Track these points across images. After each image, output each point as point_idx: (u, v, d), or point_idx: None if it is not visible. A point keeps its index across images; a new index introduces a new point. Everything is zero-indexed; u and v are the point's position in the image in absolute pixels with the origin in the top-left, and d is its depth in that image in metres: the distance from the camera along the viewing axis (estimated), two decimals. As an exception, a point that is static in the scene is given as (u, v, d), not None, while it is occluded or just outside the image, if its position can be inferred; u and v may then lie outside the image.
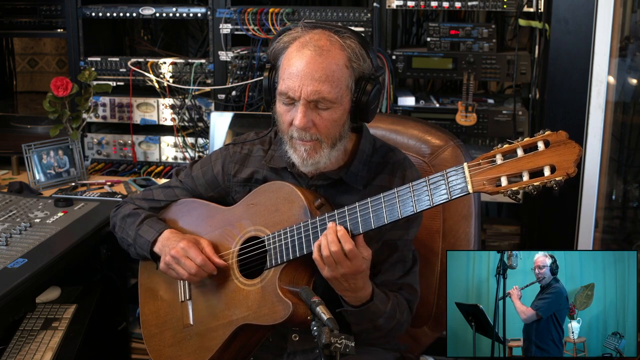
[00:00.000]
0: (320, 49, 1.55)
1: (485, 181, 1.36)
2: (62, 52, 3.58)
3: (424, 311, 1.92)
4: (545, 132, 1.32)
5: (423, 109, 2.82)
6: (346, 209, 1.53)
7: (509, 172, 1.34)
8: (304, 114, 1.55)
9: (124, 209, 1.89)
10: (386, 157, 1.72)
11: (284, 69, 1.59)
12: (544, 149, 1.32)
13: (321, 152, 1.60)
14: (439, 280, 1.91)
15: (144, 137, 2.99)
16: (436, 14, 3.10)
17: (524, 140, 1.34)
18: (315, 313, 1.37)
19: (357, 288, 1.56)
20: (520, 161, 1.33)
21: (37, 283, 1.91)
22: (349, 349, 1.30)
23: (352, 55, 1.57)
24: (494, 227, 3.02)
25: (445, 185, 1.41)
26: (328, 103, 1.56)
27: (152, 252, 1.78)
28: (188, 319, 1.77)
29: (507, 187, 1.34)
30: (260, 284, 1.64)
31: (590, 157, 2.64)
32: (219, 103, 2.88)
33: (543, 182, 1.31)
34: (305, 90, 1.54)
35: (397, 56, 2.79)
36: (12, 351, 2.01)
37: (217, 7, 2.85)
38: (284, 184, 1.66)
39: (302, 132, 1.57)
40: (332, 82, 1.55)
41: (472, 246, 1.89)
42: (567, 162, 1.30)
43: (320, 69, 1.54)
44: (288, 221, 1.62)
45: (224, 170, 1.81)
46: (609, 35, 2.53)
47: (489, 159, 1.36)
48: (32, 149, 2.66)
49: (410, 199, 1.46)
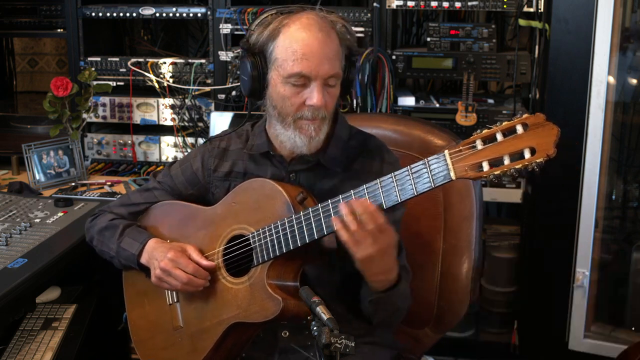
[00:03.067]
0: (325, 29, 1.59)
1: (467, 167, 1.37)
2: (62, 52, 3.58)
3: (425, 312, 1.92)
4: (523, 116, 1.34)
5: (423, 109, 2.82)
6: (329, 202, 1.53)
7: (490, 157, 1.35)
8: (322, 93, 1.58)
9: (100, 220, 1.86)
10: (364, 142, 1.75)
11: (290, 51, 1.58)
12: (523, 132, 1.33)
13: (323, 129, 1.64)
14: (439, 281, 1.91)
15: (144, 137, 2.99)
16: (436, 14, 3.10)
17: (503, 124, 1.35)
18: (315, 313, 1.37)
19: (390, 267, 1.55)
20: (501, 145, 1.34)
21: (37, 283, 1.90)
22: (349, 349, 1.30)
23: (342, 33, 1.63)
24: (493, 227, 3.02)
25: (428, 174, 1.41)
26: (336, 79, 1.62)
27: (139, 264, 1.77)
28: (178, 321, 1.77)
29: (489, 171, 1.35)
30: (249, 282, 1.64)
31: (590, 157, 2.64)
32: (219, 103, 2.88)
33: (524, 165, 1.32)
34: (323, 69, 1.57)
35: (397, 56, 2.79)
36: (12, 351, 2.01)
37: (217, 7, 2.85)
38: (265, 180, 1.66)
39: (316, 110, 1.60)
40: (338, 60, 1.61)
41: (473, 247, 1.89)
42: (547, 143, 1.31)
43: (331, 48, 1.59)
44: (272, 217, 1.62)
45: (204, 166, 1.81)
46: (609, 35, 2.53)
47: (469, 145, 1.38)
48: (32, 149, 2.66)
49: (394, 188, 1.46)
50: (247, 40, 1.66)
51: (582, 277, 2.73)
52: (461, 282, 1.90)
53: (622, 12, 2.61)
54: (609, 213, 2.94)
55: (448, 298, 1.92)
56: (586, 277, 2.73)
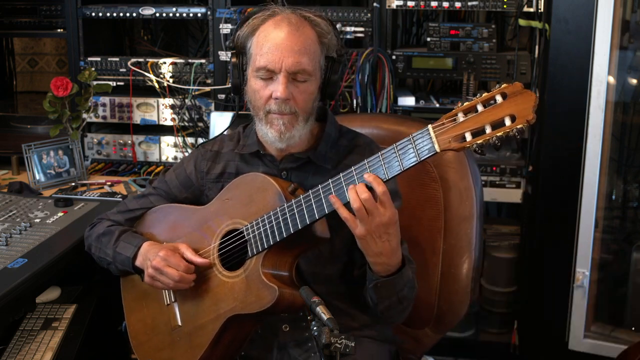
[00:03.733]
0: (295, 25, 1.62)
1: (451, 138, 1.39)
2: (62, 52, 3.58)
3: (425, 312, 1.92)
4: (501, 86, 1.37)
5: (423, 109, 2.82)
6: (320, 187, 1.55)
7: (472, 127, 1.38)
8: (285, 85, 1.60)
9: (97, 228, 1.89)
10: (354, 140, 1.77)
11: (259, 46, 1.63)
12: (502, 101, 1.36)
13: (297, 126, 1.64)
14: (439, 281, 1.91)
15: (144, 137, 2.99)
16: (436, 14, 3.10)
17: (483, 95, 1.38)
18: (315, 313, 1.37)
19: (392, 249, 1.55)
20: (481, 115, 1.37)
21: (37, 283, 1.90)
22: (349, 349, 1.30)
23: (321, 32, 1.65)
24: (494, 227, 3.02)
25: (414, 149, 1.44)
26: (306, 75, 1.62)
27: (135, 267, 1.79)
28: (176, 321, 1.77)
29: (472, 141, 1.38)
30: (244, 273, 1.64)
31: (590, 157, 2.63)
32: (219, 103, 2.88)
33: (505, 132, 1.35)
34: (287, 62, 1.59)
35: (397, 56, 2.79)
36: (12, 351, 2.01)
37: (217, 7, 2.85)
38: (256, 174, 1.68)
39: (282, 104, 1.62)
40: (309, 54, 1.61)
41: (473, 247, 1.89)
42: (526, 110, 1.34)
43: (299, 42, 1.60)
44: (264, 209, 1.63)
45: (197, 169, 1.84)
46: (609, 35, 2.53)
47: (451, 117, 1.40)
48: (32, 149, 2.66)
49: (381, 166, 1.48)
50: (233, 39, 1.71)
51: (582, 277, 2.73)
52: (461, 282, 1.90)
53: (622, 12, 2.61)
54: (609, 213, 2.94)
55: (448, 298, 1.91)
56: (586, 277, 2.73)
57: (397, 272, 1.59)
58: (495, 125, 1.36)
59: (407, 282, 1.63)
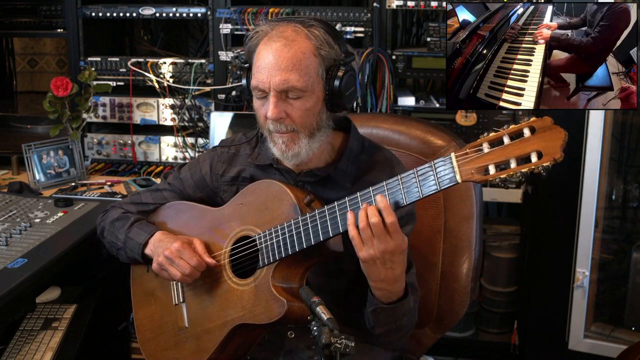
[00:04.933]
0: (285, 39, 1.57)
1: (474, 170, 1.36)
2: (62, 52, 3.58)
3: (425, 312, 1.92)
4: (530, 119, 1.33)
5: (423, 109, 2.82)
6: (336, 204, 1.53)
7: (496, 160, 1.34)
8: (274, 105, 1.57)
9: (111, 213, 1.89)
10: (374, 155, 1.72)
11: (255, 65, 1.61)
12: (530, 135, 1.32)
13: (299, 143, 1.61)
14: (439, 281, 1.91)
15: (144, 137, 2.99)
16: (436, 14, 3.09)
17: (510, 127, 1.34)
18: (315, 313, 1.37)
19: (395, 277, 1.53)
20: (507, 148, 1.33)
21: (37, 283, 1.90)
22: (349, 349, 1.30)
23: (318, 43, 1.58)
24: (494, 227, 3.02)
25: (434, 176, 1.41)
26: (298, 92, 1.57)
27: (143, 255, 1.78)
28: (183, 322, 1.77)
29: (496, 174, 1.34)
30: (254, 283, 1.64)
31: (590, 157, 2.63)
32: (219, 103, 2.88)
33: (530, 169, 1.31)
34: (274, 81, 1.56)
35: (397, 56, 2.79)
36: (12, 351, 2.01)
37: (217, 7, 2.85)
38: (272, 182, 1.66)
39: (277, 123, 1.59)
40: (299, 70, 1.56)
41: (473, 247, 1.89)
42: (554, 147, 1.30)
43: (286, 58, 1.56)
44: (278, 219, 1.62)
45: (212, 171, 1.83)
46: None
47: (475, 147, 1.36)
48: (32, 149, 2.66)
49: (399, 190, 1.45)
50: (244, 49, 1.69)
51: (582, 277, 2.73)
52: (461, 282, 1.90)
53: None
54: (609, 213, 2.94)
55: (448, 298, 1.91)
56: (586, 277, 2.73)
57: (398, 300, 1.57)
58: (521, 160, 1.32)
59: (407, 311, 1.60)
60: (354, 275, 1.68)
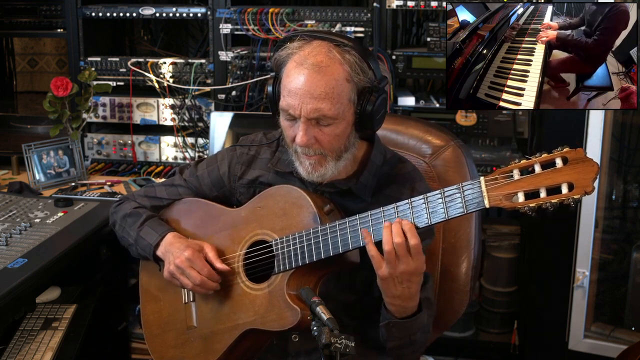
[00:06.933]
0: (318, 66, 1.51)
1: (502, 196, 1.35)
2: (62, 52, 3.58)
3: (424, 311, 1.92)
4: (563, 149, 1.32)
5: (423, 109, 2.82)
6: (357, 217, 1.51)
7: (526, 188, 1.33)
8: (305, 132, 1.54)
9: (124, 206, 1.86)
10: (395, 168, 1.70)
11: (284, 85, 1.56)
12: (562, 166, 1.31)
13: (326, 165, 1.59)
14: (439, 280, 1.91)
15: (144, 137, 2.99)
16: (436, 14, 3.09)
17: (542, 156, 1.33)
18: (315, 313, 1.37)
19: (411, 295, 1.52)
20: (538, 177, 1.33)
21: (37, 283, 1.90)
22: (349, 349, 1.29)
23: (352, 69, 1.53)
24: (494, 227, 3.02)
25: (462, 199, 1.40)
26: (329, 120, 1.53)
27: (154, 255, 1.77)
28: (192, 321, 1.76)
29: (525, 203, 1.33)
30: (268, 288, 1.62)
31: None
32: (219, 103, 2.88)
33: (561, 200, 1.31)
34: (305, 109, 1.52)
35: (397, 56, 2.79)
36: (12, 351, 2.01)
37: (217, 7, 2.85)
38: (293, 188, 1.63)
39: (306, 148, 1.56)
40: (332, 99, 1.52)
41: (472, 247, 1.89)
42: (586, 180, 1.30)
43: (319, 86, 1.51)
44: (296, 226, 1.60)
45: (230, 171, 1.80)
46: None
47: (505, 173, 1.35)
48: (32, 149, 2.66)
49: (424, 210, 1.44)
50: (273, 56, 1.63)
51: (582, 277, 2.73)
52: (460, 281, 1.90)
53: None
54: (609, 213, 2.94)
55: (447, 297, 1.91)
56: (586, 277, 2.73)
57: (412, 315, 1.56)
58: (551, 190, 1.31)
59: (421, 326, 1.59)
60: (366, 286, 1.67)
